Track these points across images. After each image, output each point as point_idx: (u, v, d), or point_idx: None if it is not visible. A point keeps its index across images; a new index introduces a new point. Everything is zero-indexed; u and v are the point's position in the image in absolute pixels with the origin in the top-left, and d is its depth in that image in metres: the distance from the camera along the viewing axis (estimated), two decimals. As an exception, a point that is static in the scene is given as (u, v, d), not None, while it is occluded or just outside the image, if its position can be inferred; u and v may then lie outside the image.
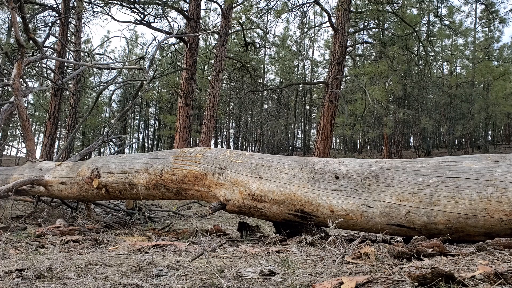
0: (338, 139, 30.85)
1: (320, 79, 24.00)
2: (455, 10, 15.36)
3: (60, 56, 10.64)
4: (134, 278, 1.31)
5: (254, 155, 2.52)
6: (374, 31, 13.80)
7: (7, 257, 1.79)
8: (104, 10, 11.23)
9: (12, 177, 4.02)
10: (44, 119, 16.57)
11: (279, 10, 10.97)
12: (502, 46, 21.47)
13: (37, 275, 1.38)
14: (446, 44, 21.41)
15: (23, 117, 4.28)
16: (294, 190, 2.14)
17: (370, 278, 1.09)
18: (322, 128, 9.45)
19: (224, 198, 2.41)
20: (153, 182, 2.78)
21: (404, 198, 1.81)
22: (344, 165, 2.10)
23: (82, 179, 3.25)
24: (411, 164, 1.92)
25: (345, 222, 1.96)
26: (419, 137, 22.61)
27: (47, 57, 5.05)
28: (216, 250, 1.85)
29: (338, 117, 12.41)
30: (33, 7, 11.16)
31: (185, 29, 11.58)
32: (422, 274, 1.02)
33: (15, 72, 4.22)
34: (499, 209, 1.60)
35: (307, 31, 14.12)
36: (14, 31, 4.05)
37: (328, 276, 1.23)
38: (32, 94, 13.40)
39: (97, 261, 1.61)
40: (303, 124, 29.49)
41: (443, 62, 22.33)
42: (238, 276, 1.30)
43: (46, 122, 10.91)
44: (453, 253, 1.43)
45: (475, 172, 1.71)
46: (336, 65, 9.58)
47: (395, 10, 11.42)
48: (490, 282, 1.00)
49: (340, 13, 9.59)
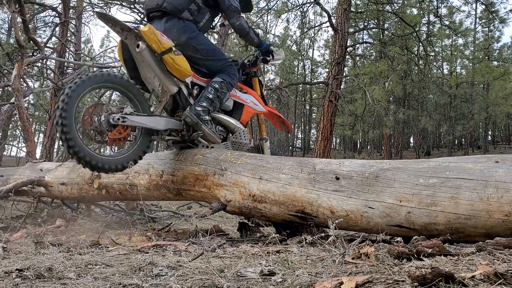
0: (338, 139, 30.86)
1: (320, 79, 24.01)
2: (455, 10, 15.39)
3: (60, 56, 10.64)
4: (134, 278, 1.31)
5: (255, 156, 2.52)
6: (374, 31, 13.81)
7: (7, 257, 1.80)
8: (104, 10, 11.24)
9: (12, 178, 4.02)
10: (44, 119, 16.57)
11: (279, 10, 10.98)
12: (502, 46, 21.51)
13: (37, 275, 1.38)
14: (446, 44, 21.42)
15: (23, 118, 4.29)
16: (294, 190, 2.14)
17: (370, 278, 1.09)
18: (322, 128, 9.45)
19: (225, 199, 2.42)
20: (154, 183, 2.79)
21: (404, 199, 1.81)
22: (344, 165, 2.10)
23: (83, 180, 3.25)
24: (411, 165, 1.92)
25: (346, 222, 1.96)
26: (419, 137, 22.62)
27: (47, 57, 5.06)
28: (216, 250, 1.85)
29: (338, 117, 12.42)
30: (33, 7, 11.16)
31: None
32: (422, 274, 1.02)
33: (16, 72, 4.23)
34: (499, 209, 1.61)
35: (307, 31, 14.12)
36: (15, 31, 4.05)
37: (328, 276, 1.23)
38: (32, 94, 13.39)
39: (97, 261, 1.61)
40: (303, 124, 29.50)
41: (443, 62, 22.34)
42: (238, 276, 1.30)
43: (46, 122, 10.91)
44: (453, 253, 1.44)
45: (475, 173, 1.71)
46: (336, 65, 9.58)
47: (395, 10, 11.42)
48: (490, 282, 1.00)
49: (340, 13, 9.59)
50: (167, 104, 2.76)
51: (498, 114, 20.02)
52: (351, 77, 13.81)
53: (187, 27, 2.73)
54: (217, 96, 2.72)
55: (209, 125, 2.66)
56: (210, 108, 2.69)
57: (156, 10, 2.76)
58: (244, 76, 3.21)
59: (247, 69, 3.21)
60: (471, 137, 22.78)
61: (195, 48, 2.73)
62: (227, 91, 2.82)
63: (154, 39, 2.48)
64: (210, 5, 2.86)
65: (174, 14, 2.72)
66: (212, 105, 2.70)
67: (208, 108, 2.67)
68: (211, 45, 2.94)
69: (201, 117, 2.61)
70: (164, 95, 2.72)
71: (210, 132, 2.67)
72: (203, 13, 2.84)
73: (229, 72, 2.84)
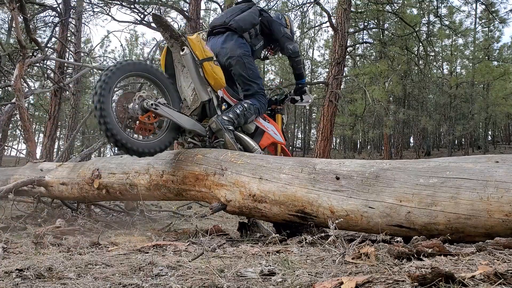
0: (338, 139, 30.84)
1: (320, 79, 23.99)
2: (455, 10, 15.38)
3: (60, 57, 10.64)
4: (134, 278, 1.31)
5: (255, 156, 2.52)
6: (374, 31, 13.79)
7: (7, 257, 1.80)
8: (104, 10, 11.25)
9: (12, 178, 4.02)
10: (44, 119, 16.56)
11: (279, 10, 10.97)
12: (502, 46, 21.47)
13: (37, 275, 1.38)
14: (446, 44, 21.38)
15: (24, 118, 4.29)
16: (294, 190, 2.14)
17: (370, 278, 1.09)
18: (322, 128, 9.45)
19: (225, 199, 2.42)
20: (154, 183, 2.78)
21: (404, 199, 1.81)
22: (344, 165, 2.10)
23: (83, 180, 3.25)
24: (411, 165, 1.92)
25: (346, 222, 1.96)
26: (419, 137, 22.60)
27: (48, 58, 5.07)
28: (216, 250, 1.85)
29: (338, 117, 12.40)
30: (33, 7, 11.16)
31: (185, 29, 11.58)
32: (422, 274, 1.03)
33: (17, 73, 4.23)
34: (499, 209, 1.61)
35: (307, 31, 14.12)
36: (16, 32, 4.05)
37: (328, 276, 1.23)
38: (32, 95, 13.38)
39: (97, 261, 1.61)
40: (303, 124, 29.47)
41: (443, 62, 22.31)
42: (238, 276, 1.30)
43: (46, 122, 10.92)
44: (453, 253, 1.44)
45: (475, 173, 1.71)
46: (336, 65, 9.58)
47: (395, 10, 11.41)
48: (490, 282, 1.00)
49: (340, 13, 9.59)
50: (196, 111, 2.91)
51: (498, 114, 20.00)
52: (351, 77, 13.80)
53: (244, 45, 3.06)
54: (243, 114, 2.95)
55: (231, 135, 2.83)
56: (235, 122, 2.90)
57: (221, 26, 3.10)
58: (269, 111, 3.45)
59: (274, 105, 3.49)
60: (471, 137, 22.77)
61: (244, 66, 3.01)
62: (254, 114, 3.05)
63: (199, 46, 2.71)
64: (265, 34, 3.27)
65: (236, 32, 3.05)
66: (237, 119, 2.91)
67: (233, 120, 2.88)
68: (257, 71, 3.22)
69: (226, 125, 2.81)
70: (194, 103, 2.89)
71: (231, 141, 2.82)
72: (259, 39, 3.23)
73: (260, 100, 3.10)
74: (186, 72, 2.82)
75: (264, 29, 3.24)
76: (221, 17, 3.20)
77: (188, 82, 2.84)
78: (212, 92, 2.88)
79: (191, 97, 2.88)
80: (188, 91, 2.86)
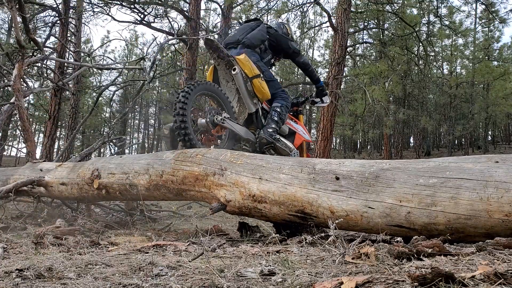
0: (338, 139, 30.83)
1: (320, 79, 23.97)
2: (455, 10, 15.38)
3: (60, 56, 10.64)
4: (134, 278, 1.31)
5: (254, 156, 2.52)
6: (374, 31, 13.79)
7: (7, 257, 1.79)
8: (104, 10, 11.23)
9: (12, 178, 4.02)
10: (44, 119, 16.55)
11: (279, 10, 10.98)
12: (502, 46, 21.47)
13: (37, 275, 1.38)
14: (446, 44, 21.39)
15: (23, 118, 4.28)
16: (294, 191, 2.14)
17: (370, 278, 1.09)
18: (322, 128, 9.45)
19: (225, 199, 2.42)
20: (154, 183, 2.78)
21: (404, 199, 1.81)
22: (344, 165, 2.10)
23: (83, 180, 3.25)
24: (411, 165, 1.92)
25: (346, 222, 1.96)
26: (419, 137, 22.60)
27: (48, 57, 5.06)
28: (216, 250, 1.85)
29: (338, 117, 12.41)
30: (33, 7, 11.16)
31: (185, 29, 11.58)
32: (422, 274, 1.02)
33: (16, 72, 4.23)
34: (499, 209, 1.60)
35: (307, 31, 14.12)
36: (15, 32, 4.05)
37: (328, 276, 1.23)
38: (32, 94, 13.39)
39: (97, 261, 1.61)
40: (303, 124, 29.43)
41: (443, 62, 22.32)
42: (238, 276, 1.30)
43: (46, 122, 10.91)
44: (453, 253, 1.44)
45: (475, 173, 1.71)
46: (336, 65, 9.58)
47: (395, 10, 11.42)
48: (490, 282, 1.00)
49: (340, 13, 9.59)
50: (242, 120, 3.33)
51: (498, 114, 19.99)
52: (351, 77, 13.79)
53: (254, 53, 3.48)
54: (280, 118, 3.37)
55: (280, 142, 3.26)
56: (278, 129, 3.34)
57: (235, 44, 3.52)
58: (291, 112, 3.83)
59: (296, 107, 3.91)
60: (471, 137, 22.77)
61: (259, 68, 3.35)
62: (286, 113, 3.47)
63: (248, 65, 3.18)
64: (273, 48, 3.67)
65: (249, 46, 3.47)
66: (278, 125, 3.34)
67: (276, 128, 3.32)
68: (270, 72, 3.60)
69: (274, 137, 3.23)
70: (241, 114, 3.33)
71: (282, 147, 3.25)
72: (268, 53, 3.66)
73: (283, 96, 3.48)
74: (230, 87, 3.27)
75: (272, 43, 3.64)
76: (234, 35, 3.59)
77: (232, 95, 3.27)
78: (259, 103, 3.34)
79: (236, 108, 3.30)
80: (233, 103, 3.27)
